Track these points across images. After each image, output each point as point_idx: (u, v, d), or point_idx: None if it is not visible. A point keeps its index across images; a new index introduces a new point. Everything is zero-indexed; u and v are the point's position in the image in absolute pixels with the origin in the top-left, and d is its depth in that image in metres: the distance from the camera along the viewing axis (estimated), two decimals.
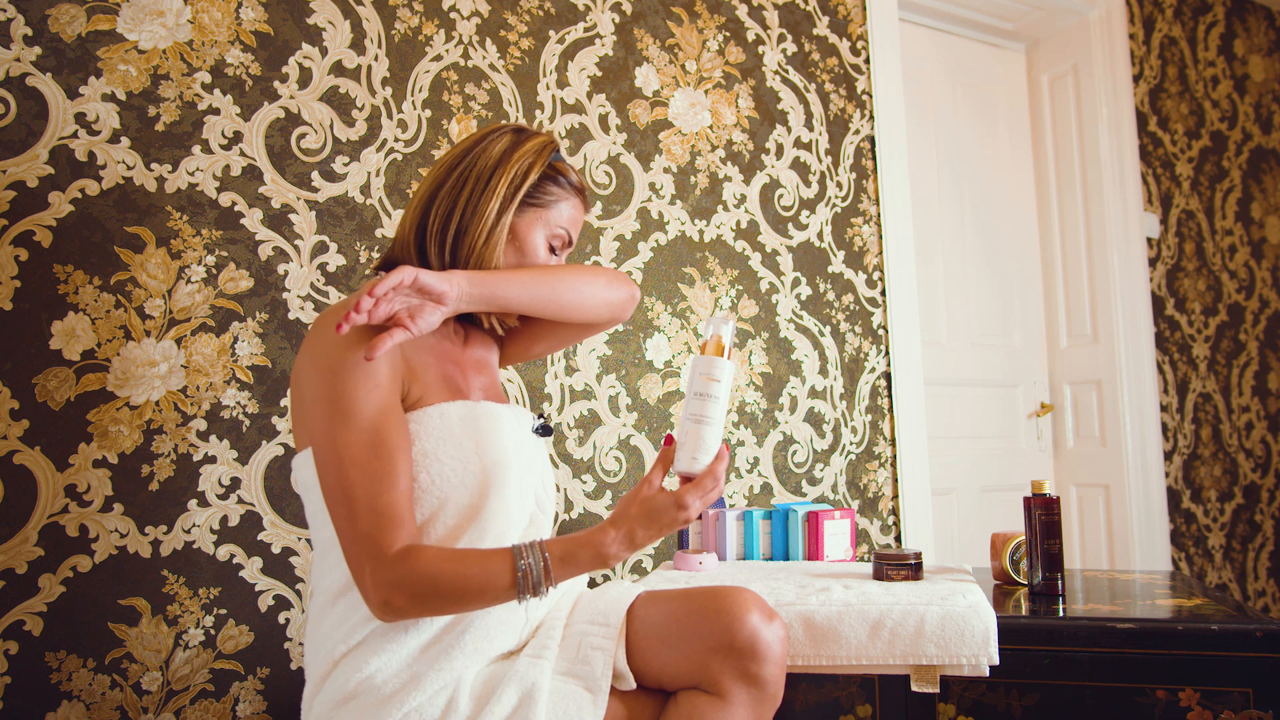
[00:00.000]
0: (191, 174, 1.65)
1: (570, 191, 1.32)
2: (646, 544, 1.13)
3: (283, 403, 1.68)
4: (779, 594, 1.44)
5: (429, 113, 1.89)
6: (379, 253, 1.80)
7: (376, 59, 1.84)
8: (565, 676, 1.14)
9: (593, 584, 1.91)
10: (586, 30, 2.12)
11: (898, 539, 2.45)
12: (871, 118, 2.53)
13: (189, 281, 1.62)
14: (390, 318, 1.11)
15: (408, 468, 1.12)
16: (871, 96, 2.53)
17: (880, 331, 2.48)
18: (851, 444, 2.40)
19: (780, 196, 2.36)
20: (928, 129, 2.92)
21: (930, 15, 2.94)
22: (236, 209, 1.68)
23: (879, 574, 1.54)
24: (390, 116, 1.85)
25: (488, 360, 1.36)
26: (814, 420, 2.35)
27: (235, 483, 1.63)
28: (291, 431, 1.65)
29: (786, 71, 2.41)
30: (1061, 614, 1.47)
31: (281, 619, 1.66)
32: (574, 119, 2.08)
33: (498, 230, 1.24)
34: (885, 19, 2.58)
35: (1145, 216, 3.04)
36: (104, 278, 1.55)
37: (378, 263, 1.33)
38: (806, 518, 1.82)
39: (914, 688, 1.34)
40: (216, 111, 1.68)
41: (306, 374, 1.14)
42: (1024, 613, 1.49)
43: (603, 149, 2.11)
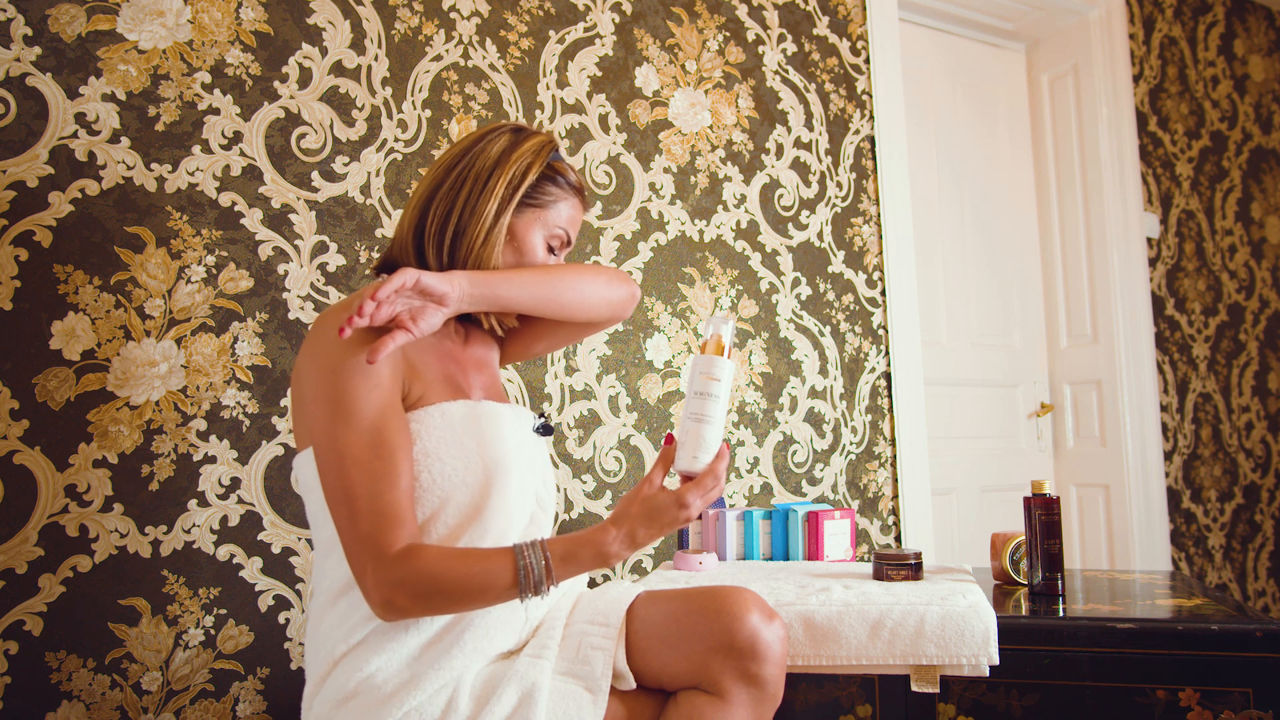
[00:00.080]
0: (191, 174, 1.65)
1: (569, 191, 1.31)
2: (648, 543, 1.13)
3: (283, 403, 1.68)
4: (779, 594, 1.44)
5: (429, 113, 1.89)
6: (379, 253, 1.80)
7: (376, 59, 1.84)
8: (565, 676, 1.14)
9: (593, 584, 1.91)
10: (586, 30, 2.12)
11: (898, 539, 2.45)
12: (871, 118, 2.53)
13: (189, 281, 1.62)
14: (392, 319, 1.11)
15: (409, 467, 1.13)
16: (871, 96, 2.53)
17: (880, 331, 2.48)
18: (851, 444, 2.40)
19: (780, 196, 2.36)
20: (928, 129, 2.92)
21: (930, 15, 2.94)
22: (236, 209, 1.68)
23: (879, 574, 1.54)
24: (390, 116, 1.85)
25: (488, 359, 1.36)
26: (814, 420, 2.35)
27: (235, 483, 1.63)
28: (292, 431, 1.65)
29: (786, 71, 2.41)
30: (1061, 614, 1.47)
31: (281, 619, 1.66)
32: (574, 119, 2.08)
33: (496, 231, 1.24)
34: (885, 19, 2.58)
35: (1145, 216, 3.04)
36: (104, 278, 1.55)
37: (376, 263, 1.32)
38: (806, 518, 1.82)
39: (914, 688, 1.34)
40: (216, 111, 1.68)
41: (307, 374, 1.14)
42: (1024, 613, 1.49)
43: (603, 149, 2.11)
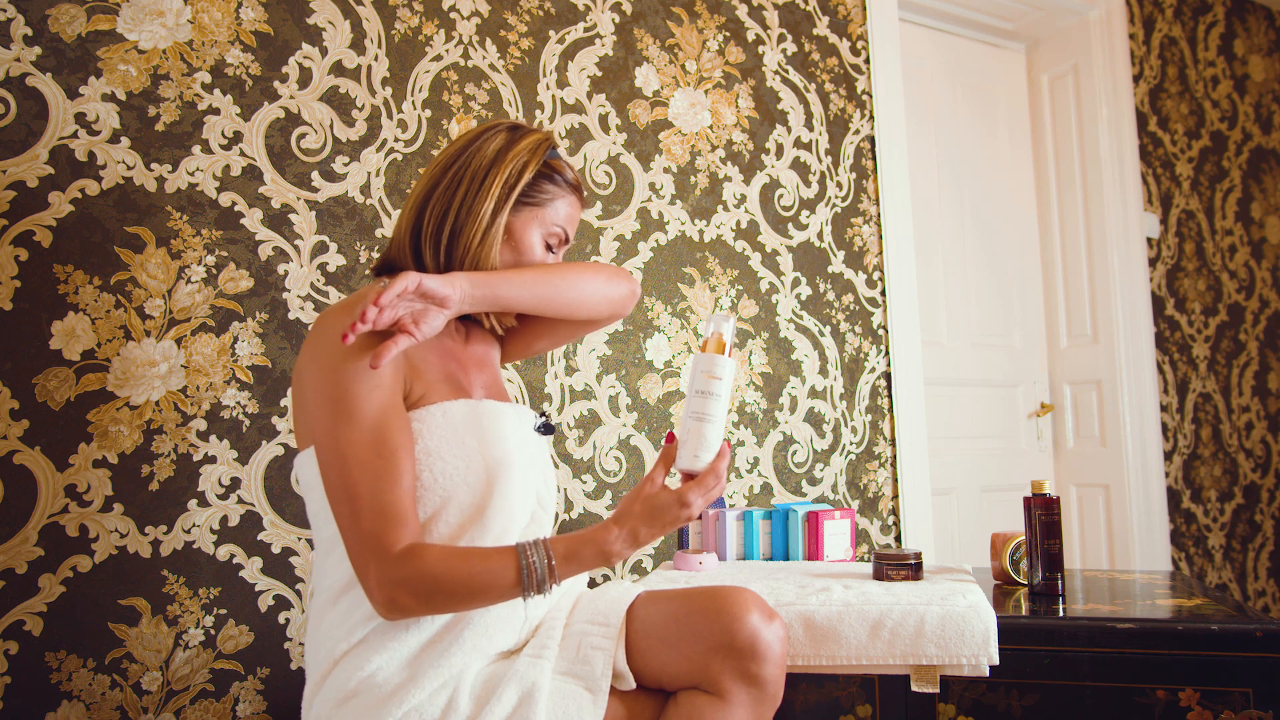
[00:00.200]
0: (191, 174, 1.64)
1: (566, 189, 1.31)
2: (649, 541, 1.13)
3: (283, 403, 1.68)
4: (779, 594, 1.44)
5: (429, 113, 1.89)
6: (379, 253, 1.80)
7: (376, 59, 1.84)
8: (565, 676, 1.14)
9: (593, 584, 1.91)
10: (586, 30, 2.11)
11: (898, 539, 2.45)
12: (871, 118, 2.53)
13: (189, 281, 1.62)
14: (394, 323, 1.11)
15: (411, 466, 1.13)
16: (871, 96, 2.53)
17: (880, 331, 2.48)
18: (851, 444, 2.40)
19: (780, 196, 2.36)
20: (928, 129, 2.92)
21: (930, 15, 2.94)
22: (236, 209, 1.68)
23: (879, 574, 1.54)
24: (390, 116, 1.85)
25: (489, 358, 1.36)
26: (814, 420, 2.35)
27: (235, 483, 1.63)
28: (293, 431, 1.65)
29: (786, 71, 2.41)
30: (1061, 614, 1.47)
31: (281, 619, 1.66)
32: (574, 119, 2.08)
33: (493, 230, 1.24)
34: (885, 19, 2.58)
35: (1145, 216, 3.04)
36: (104, 278, 1.55)
37: (375, 265, 1.32)
38: (806, 518, 1.82)
39: (914, 688, 1.34)
40: (216, 111, 1.68)
41: (309, 374, 1.14)
42: (1024, 613, 1.49)
43: (603, 149, 2.11)
